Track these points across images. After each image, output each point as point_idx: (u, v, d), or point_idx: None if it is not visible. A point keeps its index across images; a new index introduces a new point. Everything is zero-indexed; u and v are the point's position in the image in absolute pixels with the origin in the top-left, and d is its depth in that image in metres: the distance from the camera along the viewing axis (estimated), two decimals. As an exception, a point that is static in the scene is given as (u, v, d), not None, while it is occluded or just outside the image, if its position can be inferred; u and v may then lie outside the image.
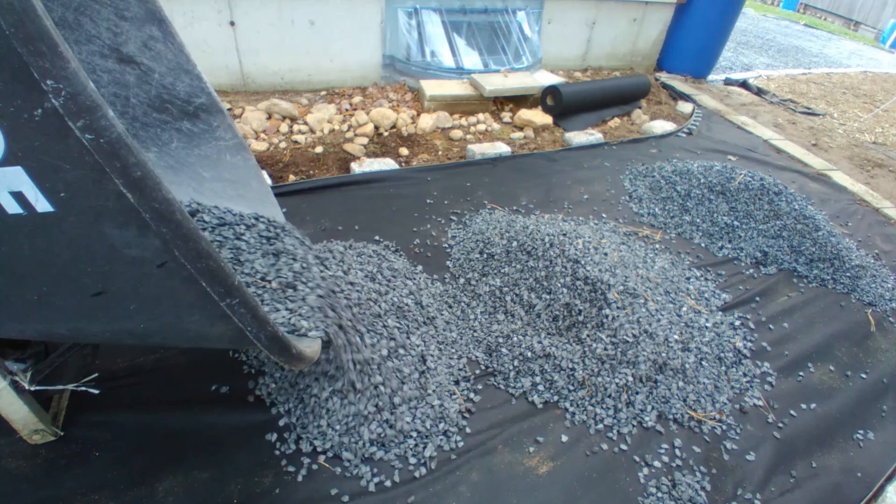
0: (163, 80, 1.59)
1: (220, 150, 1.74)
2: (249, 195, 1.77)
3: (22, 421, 1.35)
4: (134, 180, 0.68)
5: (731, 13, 5.40)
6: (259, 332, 0.94)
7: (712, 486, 1.64)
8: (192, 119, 1.68)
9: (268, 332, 0.96)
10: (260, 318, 0.92)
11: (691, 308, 2.22)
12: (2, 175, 0.68)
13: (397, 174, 3.04)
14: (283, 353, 1.03)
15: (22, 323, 1.02)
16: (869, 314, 2.54)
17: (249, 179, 1.80)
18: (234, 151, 1.77)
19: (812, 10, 15.74)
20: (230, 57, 3.64)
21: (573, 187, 3.22)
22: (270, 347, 0.99)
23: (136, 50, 1.51)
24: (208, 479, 1.44)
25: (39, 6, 0.57)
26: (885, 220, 3.47)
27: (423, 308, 2.01)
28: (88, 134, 0.62)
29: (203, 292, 0.82)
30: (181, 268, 0.78)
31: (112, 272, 0.83)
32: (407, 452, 1.56)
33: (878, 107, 6.09)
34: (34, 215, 0.73)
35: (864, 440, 1.90)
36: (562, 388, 1.84)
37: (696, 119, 4.60)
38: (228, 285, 0.83)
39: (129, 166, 0.66)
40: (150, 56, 1.54)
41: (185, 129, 1.67)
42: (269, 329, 0.96)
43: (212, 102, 1.70)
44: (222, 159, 1.75)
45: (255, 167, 1.83)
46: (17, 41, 0.57)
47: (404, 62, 4.16)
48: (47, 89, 0.59)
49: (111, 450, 1.47)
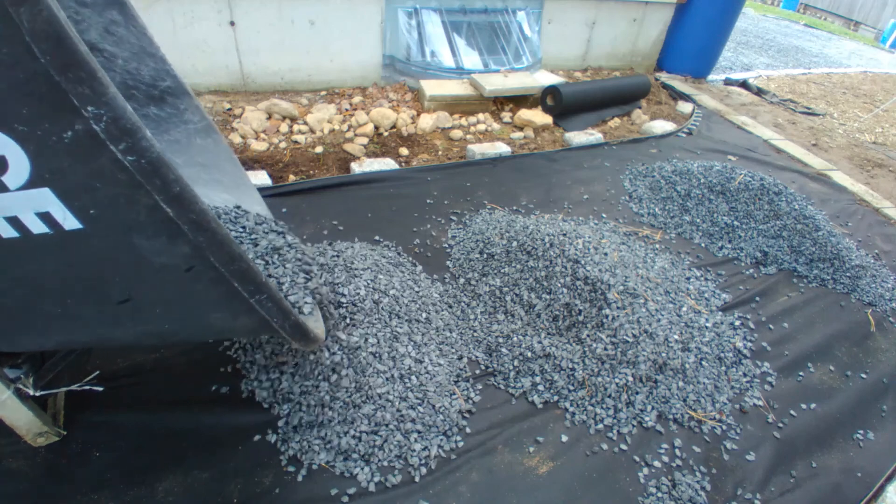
0: (127, 66, 1.53)
1: (190, 134, 1.70)
2: (224, 179, 1.75)
3: (26, 426, 1.35)
4: (174, 196, 0.70)
5: (731, 13, 5.40)
6: (284, 322, 1.00)
7: (712, 486, 1.64)
8: (159, 103, 1.63)
9: (291, 321, 1.02)
10: (284, 310, 0.98)
11: (691, 308, 2.22)
12: (26, 198, 0.69)
13: (397, 174, 3.04)
14: (304, 337, 1.10)
15: (42, 336, 1.03)
16: (869, 314, 2.54)
17: (222, 162, 1.77)
18: (203, 134, 1.73)
19: (812, 10, 15.74)
20: (230, 57, 3.64)
21: (573, 187, 3.22)
22: (293, 334, 1.06)
23: (97, 37, 1.45)
24: (208, 479, 1.44)
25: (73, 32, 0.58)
26: (885, 220, 3.47)
27: (423, 308, 2.01)
28: (130, 156, 0.64)
29: (232, 291, 0.86)
30: (210, 270, 0.81)
31: (139, 280, 0.86)
32: (407, 452, 1.56)
33: (878, 107, 6.09)
34: (61, 233, 0.74)
35: (864, 440, 1.90)
36: (562, 388, 1.84)
37: (696, 119, 4.60)
38: (258, 283, 0.88)
39: (169, 183, 0.69)
40: (112, 42, 1.48)
41: (153, 114, 1.62)
42: (293, 318, 1.02)
43: (177, 85, 1.66)
44: (193, 143, 1.71)
45: (226, 149, 1.80)
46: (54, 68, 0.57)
47: (404, 62, 4.16)
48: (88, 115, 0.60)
49: (111, 450, 1.47)
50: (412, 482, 1.50)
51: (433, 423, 1.65)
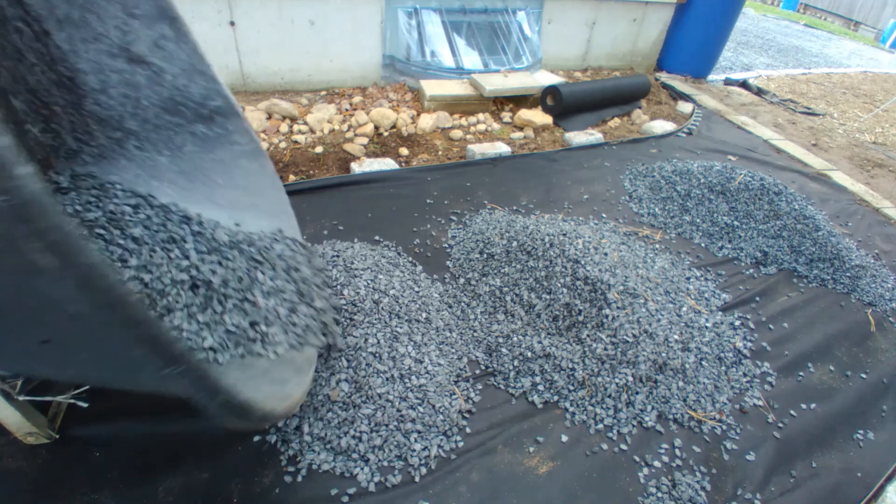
0: (176, 82, 1.53)
1: (236, 156, 1.68)
2: (264, 204, 1.73)
3: (15, 425, 1.35)
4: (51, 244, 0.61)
5: (731, 13, 5.40)
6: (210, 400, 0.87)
7: (712, 486, 1.64)
8: (207, 122, 1.62)
9: (219, 400, 0.89)
10: (209, 387, 0.85)
11: (691, 308, 2.22)
12: None
13: (397, 174, 3.04)
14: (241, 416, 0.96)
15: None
16: (869, 314, 2.54)
17: (265, 187, 1.75)
18: (250, 157, 1.71)
19: (812, 10, 15.74)
20: (230, 57, 3.64)
21: (573, 187, 3.22)
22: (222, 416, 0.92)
23: (146, 49, 1.45)
24: (208, 479, 1.44)
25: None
26: (885, 220, 3.47)
27: (423, 308, 2.01)
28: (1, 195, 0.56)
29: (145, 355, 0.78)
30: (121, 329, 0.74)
31: (55, 324, 0.78)
32: (407, 453, 1.56)
33: (878, 107, 6.09)
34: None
35: (864, 440, 1.90)
36: (562, 388, 1.84)
37: (696, 119, 4.60)
38: (168, 354, 0.78)
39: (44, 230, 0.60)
40: (161, 56, 1.48)
41: (200, 132, 1.61)
42: (222, 397, 0.88)
43: (228, 106, 1.64)
44: (237, 165, 1.69)
45: (271, 174, 1.78)
46: None
47: (404, 62, 4.16)
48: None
49: (111, 450, 1.47)
50: (412, 482, 1.50)
51: (433, 423, 1.65)
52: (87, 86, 1.42)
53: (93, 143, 1.48)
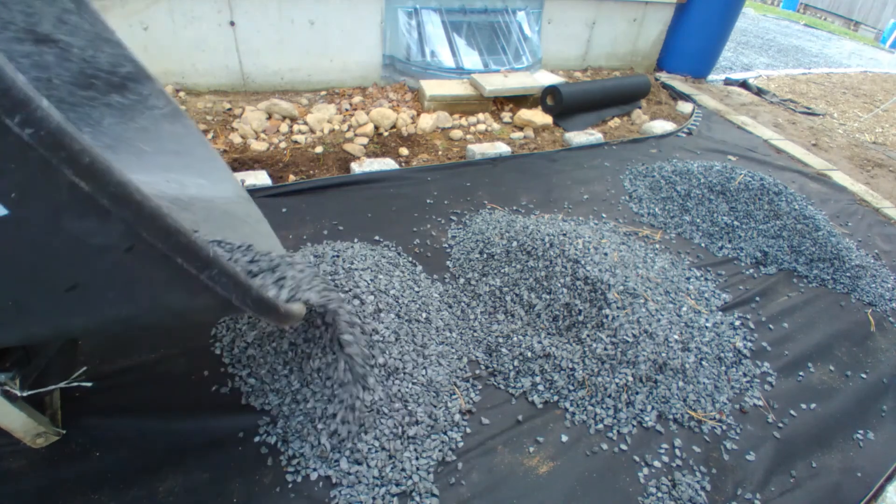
0: (83, 54, 1.47)
1: (157, 120, 1.64)
2: (197, 164, 1.70)
3: (22, 428, 1.34)
4: (84, 168, 0.65)
5: (731, 13, 5.40)
6: (245, 298, 0.93)
7: (712, 486, 1.64)
8: (121, 91, 1.57)
9: (253, 296, 0.95)
10: (242, 284, 0.91)
11: (691, 308, 2.22)
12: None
13: (397, 174, 3.04)
14: (271, 312, 1.04)
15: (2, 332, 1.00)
16: (869, 314, 2.54)
17: (194, 147, 1.71)
18: (171, 119, 1.67)
19: (812, 10, 15.74)
20: (230, 57, 3.64)
21: (573, 187, 3.22)
22: (258, 309, 0.99)
23: (51, 27, 1.41)
24: (208, 479, 1.44)
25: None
26: (885, 220, 3.47)
27: (423, 308, 2.01)
28: (28, 128, 0.60)
29: (178, 268, 0.80)
30: (151, 248, 0.76)
31: (81, 264, 0.81)
32: (407, 452, 1.56)
33: (878, 107, 6.09)
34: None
35: (864, 440, 1.90)
36: (562, 388, 1.84)
37: (696, 119, 4.60)
38: (204, 257, 0.82)
39: (75, 154, 0.63)
40: (66, 31, 1.43)
41: (116, 102, 1.56)
42: (254, 293, 0.95)
43: (138, 70, 1.59)
44: (161, 129, 1.65)
45: (196, 133, 1.74)
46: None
47: (404, 62, 4.16)
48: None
49: (111, 450, 1.47)
50: (412, 482, 1.50)
51: (433, 423, 1.65)
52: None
53: None
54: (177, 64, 3.52)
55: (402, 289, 2.02)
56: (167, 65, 3.49)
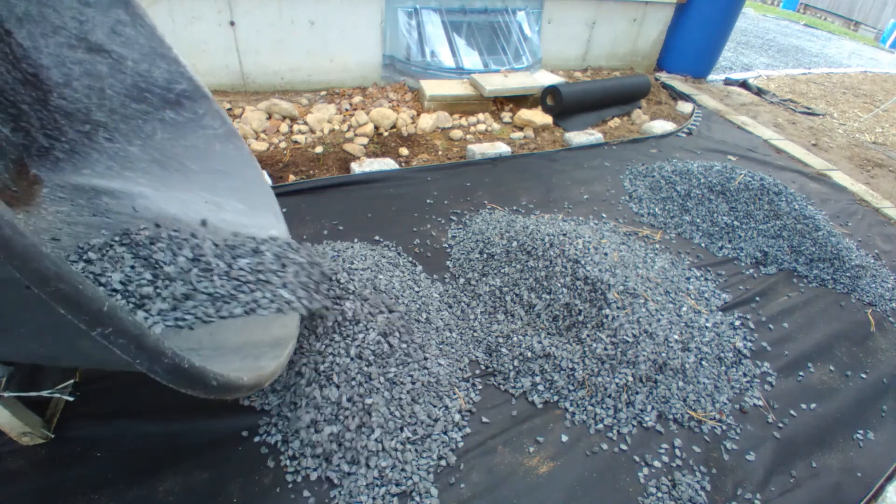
0: (137, 68, 1.49)
1: (209, 140, 1.65)
2: (242, 186, 1.71)
3: (7, 425, 1.34)
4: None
5: (731, 13, 5.40)
6: (153, 365, 0.81)
7: (712, 486, 1.64)
8: (175, 107, 1.58)
9: (164, 365, 0.82)
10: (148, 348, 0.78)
11: (691, 308, 2.22)
12: None
13: (397, 174, 3.04)
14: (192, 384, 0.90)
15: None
16: (869, 314, 2.54)
17: (242, 169, 1.72)
18: (223, 140, 1.68)
19: (812, 10, 15.74)
20: (230, 57, 3.64)
21: (573, 187, 3.22)
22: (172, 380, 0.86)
23: (104, 37, 1.42)
24: (208, 479, 1.44)
25: None
26: (885, 220, 3.47)
27: (424, 308, 2.01)
28: None
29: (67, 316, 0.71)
30: None
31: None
32: (407, 453, 1.56)
33: (878, 107, 6.09)
34: None
35: (864, 440, 1.90)
36: (562, 388, 1.84)
37: (696, 119, 4.60)
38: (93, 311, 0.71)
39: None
40: (120, 42, 1.45)
41: (169, 118, 1.57)
42: (167, 362, 0.82)
43: (194, 88, 1.60)
44: (212, 149, 1.65)
45: (248, 156, 1.75)
46: None
47: (404, 62, 4.16)
48: None
49: (111, 450, 1.47)
50: (412, 482, 1.50)
51: (433, 423, 1.65)
52: (52, 80, 1.41)
53: (63, 138, 1.46)
54: (177, 64, 3.51)
55: (402, 289, 2.02)
56: (167, 65, 3.49)
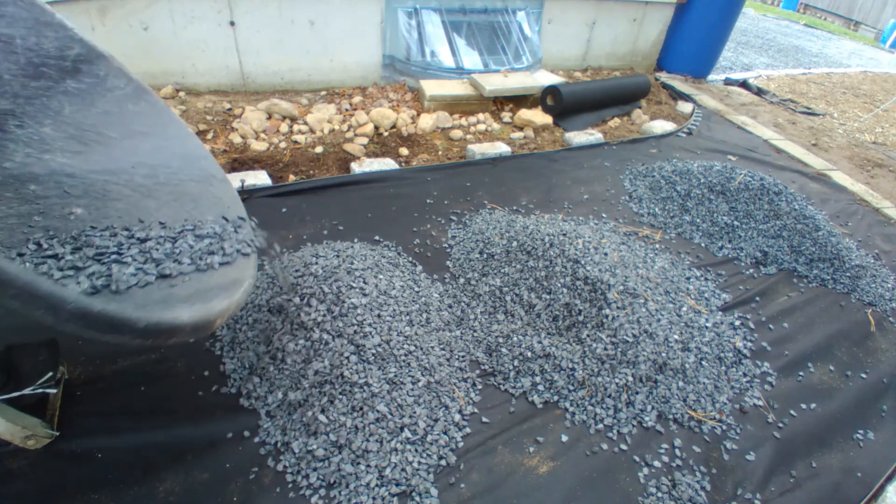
0: (26, 44, 1.39)
1: (120, 101, 1.54)
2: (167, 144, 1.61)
3: (8, 432, 1.33)
4: None
5: (731, 13, 5.40)
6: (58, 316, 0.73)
7: (712, 486, 1.64)
8: (75, 75, 1.47)
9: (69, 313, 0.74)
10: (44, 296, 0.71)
11: (691, 308, 2.22)
12: None
13: (397, 174, 3.04)
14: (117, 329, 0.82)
15: None
16: (869, 314, 2.54)
17: (162, 126, 1.61)
18: (134, 99, 1.57)
19: (812, 10, 15.74)
20: (230, 57, 3.64)
21: (573, 187, 3.22)
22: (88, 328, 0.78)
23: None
24: (208, 479, 1.44)
25: None
26: (885, 220, 3.47)
27: (423, 308, 2.01)
28: None
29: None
30: None
31: None
32: (407, 453, 1.56)
33: (878, 107, 6.09)
34: None
35: (864, 440, 1.90)
36: (562, 388, 1.84)
37: (696, 119, 4.60)
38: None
39: None
40: (4, 24, 1.36)
41: (72, 88, 1.46)
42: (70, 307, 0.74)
43: (88, 49, 1.50)
44: (125, 111, 1.54)
45: (164, 109, 1.64)
46: None
47: (404, 62, 4.16)
48: None
49: (111, 450, 1.47)
50: (412, 483, 1.50)
51: (433, 423, 1.65)
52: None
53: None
54: (177, 64, 3.52)
55: (402, 289, 2.02)
56: (167, 65, 3.49)
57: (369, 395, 1.60)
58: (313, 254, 2.09)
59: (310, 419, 1.55)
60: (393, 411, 1.61)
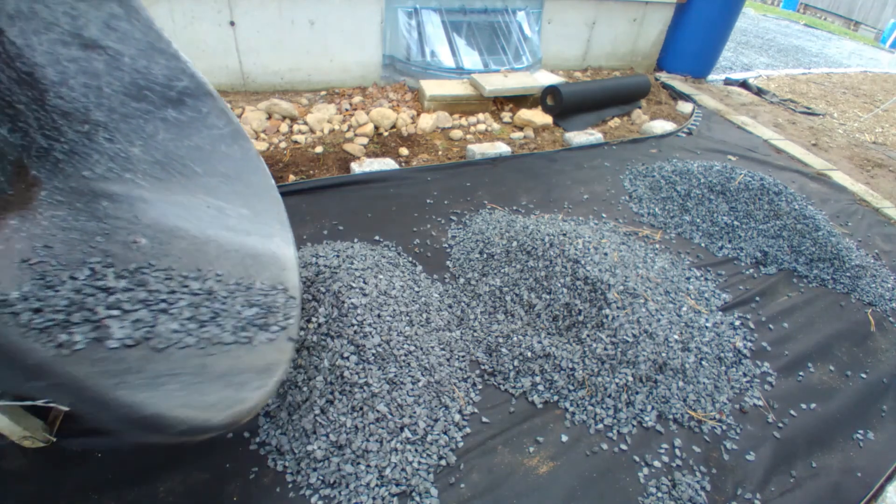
0: (135, 64, 1.42)
1: (214, 140, 1.57)
2: (248, 191, 1.63)
3: (8, 429, 1.34)
4: None
5: (730, 13, 5.40)
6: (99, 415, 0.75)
7: (712, 486, 1.64)
8: (178, 106, 1.51)
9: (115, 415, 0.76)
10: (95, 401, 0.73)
11: (691, 308, 2.22)
12: None
13: (397, 174, 3.04)
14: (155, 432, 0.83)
15: None
16: (869, 314, 2.54)
17: (248, 173, 1.64)
18: (229, 141, 1.60)
19: (812, 9, 15.74)
20: (230, 57, 3.64)
21: (573, 187, 3.22)
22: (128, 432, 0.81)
23: (98, 33, 1.36)
24: (208, 479, 1.44)
25: None
26: (885, 220, 3.47)
27: (423, 308, 2.01)
28: None
29: None
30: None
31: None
32: (407, 453, 1.56)
33: (878, 107, 6.09)
34: None
35: (864, 440, 1.90)
36: (562, 388, 1.84)
37: (696, 119, 4.60)
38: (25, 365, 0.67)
39: None
40: (115, 38, 1.39)
41: (171, 117, 1.50)
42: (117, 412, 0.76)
43: (197, 85, 1.54)
44: (216, 150, 1.58)
45: (254, 157, 1.67)
46: None
47: (404, 62, 4.16)
48: None
49: (111, 450, 1.47)
50: (412, 483, 1.50)
51: (433, 423, 1.65)
52: (47, 79, 1.35)
53: (62, 138, 1.40)
54: (177, 64, 3.51)
55: (402, 289, 2.02)
56: (167, 65, 3.49)
57: (369, 395, 1.60)
58: (313, 254, 2.09)
59: (310, 419, 1.55)
60: (393, 411, 1.61)
